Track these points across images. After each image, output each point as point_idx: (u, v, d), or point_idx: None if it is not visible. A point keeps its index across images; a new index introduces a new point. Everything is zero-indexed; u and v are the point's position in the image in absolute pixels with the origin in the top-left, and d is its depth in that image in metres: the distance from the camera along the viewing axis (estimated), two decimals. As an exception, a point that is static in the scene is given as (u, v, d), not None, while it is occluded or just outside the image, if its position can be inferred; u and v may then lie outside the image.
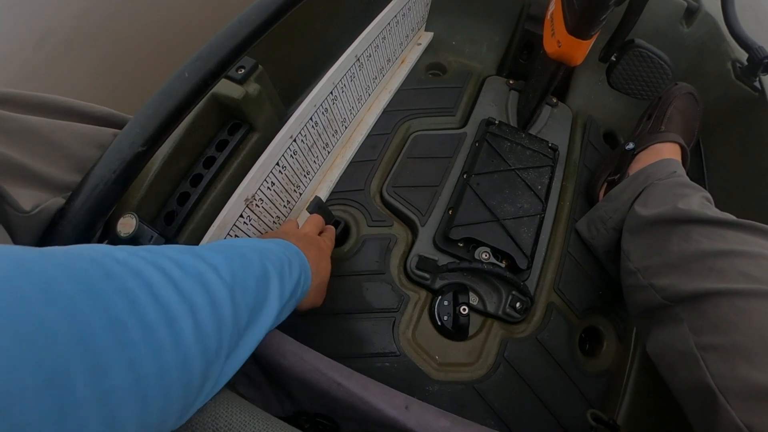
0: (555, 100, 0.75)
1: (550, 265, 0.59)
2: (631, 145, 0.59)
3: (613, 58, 0.56)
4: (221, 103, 0.51)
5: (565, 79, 0.79)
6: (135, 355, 0.19)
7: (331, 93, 0.55)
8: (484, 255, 0.56)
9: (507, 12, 0.81)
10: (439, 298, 0.54)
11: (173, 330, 0.21)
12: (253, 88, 0.51)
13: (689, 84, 0.64)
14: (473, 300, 0.55)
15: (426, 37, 0.82)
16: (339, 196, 0.62)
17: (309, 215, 0.54)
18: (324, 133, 0.57)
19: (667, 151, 0.58)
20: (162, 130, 0.35)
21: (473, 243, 0.57)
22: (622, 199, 0.56)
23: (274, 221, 0.53)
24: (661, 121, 0.61)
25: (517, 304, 0.55)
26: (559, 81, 0.60)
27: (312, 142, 0.55)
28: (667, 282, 0.42)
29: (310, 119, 0.52)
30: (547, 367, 0.53)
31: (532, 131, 0.71)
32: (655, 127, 0.61)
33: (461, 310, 0.52)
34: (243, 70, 0.51)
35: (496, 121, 0.68)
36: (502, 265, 0.56)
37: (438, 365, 0.52)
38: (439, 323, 0.53)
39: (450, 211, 0.60)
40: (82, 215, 0.33)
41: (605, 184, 0.64)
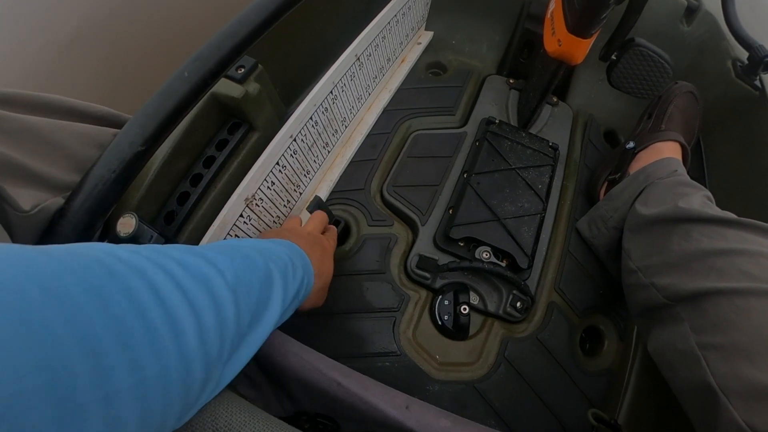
0: (555, 99, 0.75)
1: (551, 265, 0.59)
2: (631, 144, 0.59)
3: (613, 57, 0.56)
4: (221, 102, 0.51)
5: (566, 78, 0.79)
6: (138, 357, 0.18)
7: (331, 92, 0.55)
8: (484, 254, 0.56)
9: (507, 11, 0.81)
10: (440, 297, 0.54)
11: (176, 332, 0.21)
12: (253, 87, 0.51)
13: (689, 83, 0.64)
14: (474, 299, 0.55)
15: (426, 36, 0.82)
16: (339, 195, 0.62)
17: (312, 213, 0.54)
18: (324, 132, 0.57)
19: (668, 150, 0.58)
20: (162, 130, 0.35)
21: (474, 242, 0.57)
22: (622, 198, 0.56)
23: (274, 221, 0.53)
24: (661, 119, 0.61)
25: (518, 304, 0.55)
26: (559, 80, 0.59)
27: (312, 141, 0.55)
28: (667, 281, 0.42)
29: (310, 118, 0.52)
30: (548, 367, 0.53)
31: (533, 130, 0.71)
32: (655, 126, 0.61)
33: (462, 310, 0.52)
34: (243, 70, 0.51)
35: (497, 121, 0.68)
36: (503, 264, 0.56)
37: (438, 365, 0.52)
38: (439, 323, 0.53)
39: (450, 211, 0.60)
40: (82, 215, 0.33)
41: (606, 183, 0.64)
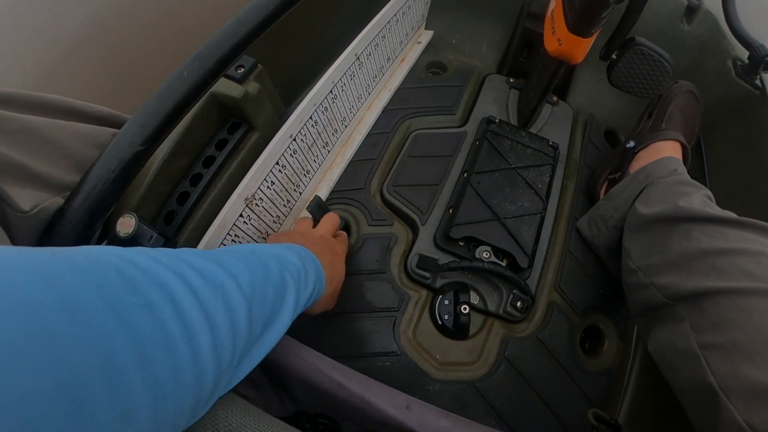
0: (555, 99, 0.75)
1: (551, 264, 0.59)
2: (631, 144, 0.59)
3: (613, 56, 0.56)
4: (221, 102, 0.51)
5: (566, 77, 0.79)
6: (155, 371, 0.18)
7: (330, 92, 0.54)
8: (484, 254, 0.56)
9: (507, 10, 0.81)
10: (440, 297, 0.54)
11: (192, 346, 0.21)
12: (252, 87, 0.51)
13: (690, 82, 0.64)
14: (474, 299, 0.55)
15: (426, 35, 0.81)
16: (339, 195, 0.62)
17: (318, 220, 0.53)
18: (324, 132, 0.57)
19: (668, 149, 0.58)
20: (161, 130, 0.35)
21: (474, 242, 0.57)
22: (623, 198, 0.56)
23: (274, 220, 0.53)
24: (661, 119, 0.61)
25: (518, 303, 0.55)
26: (559, 79, 0.59)
27: (312, 141, 0.54)
28: (668, 280, 0.42)
29: (310, 118, 0.52)
30: (548, 366, 0.53)
31: (533, 130, 0.70)
32: (655, 125, 0.61)
33: (462, 309, 0.52)
34: (242, 69, 0.51)
35: (497, 120, 0.68)
36: (503, 263, 0.56)
37: (439, 364, 0.52)
38: (439, 322, 0.53)
39: (450, 210, 0.60)
40: (81, 215, 0.33)
41: (606, 183, 0.64)
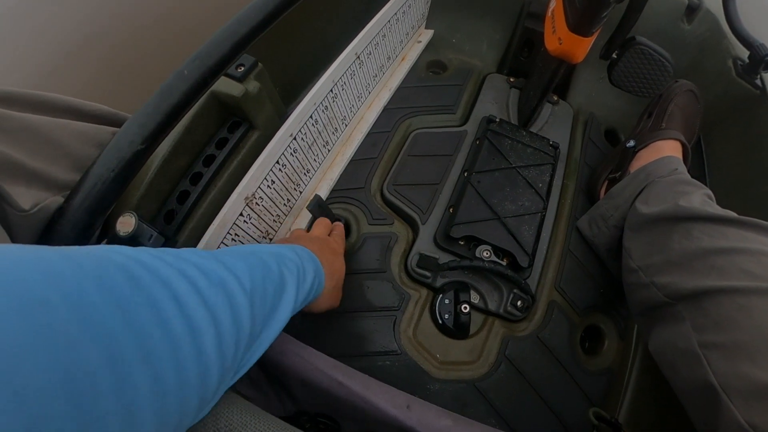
0: (556, 98, 0.75)
1: (552, 263, 0.59)
2: (632, 143, 0.59)
3: (614, 56, 0.56)
4: (221, 101, 0.51)
5: (566, 76, 0.79)
6: (160, 369, 0.19)
7: (331, 91, 0.54)
8: (485, 253, 0.56)
9: (507, 9, 0.81)
10: (440, 296, 0.54)
11: (196, 343, 0.21)
12: (252, 86, 0.51)
13: (690, 81, 0.64)
14: (474, 298, 0.55)
15: (426, 34, 0.81)
16: (339, 194, 0.62)
17: (316, 219, 0.54)
18: (324, 131, 0.57)
19: (668, 149, 0.58)
20: (161, 128, 0.35)
21: (474, 241, 0.57)
22: (623, 197, 0.56)
23: (274, 219, 0.53)
24: (661, 118, 0.61)
25: (519, 303, 0.55)
26: (560, 78, 0.59)
27: (312, 140, 0.54)
28: (668, 280, 0.42)
29: (310, 117, 0.52)
30: (549, 366, 0.53)
31: (533, 129, 0.70)
32: (656, 125, 0.61)
33: (462, 309, 0.52)
34: (243, 68, 0.50)
35: (497, 119, 0.68)
36: (504, 263, 0.56)
37: (439, 364, 0.52)
38: (440, 322, 0.53)
39: (451, 209, 0.60)
40: (81, 214, 0.32)
41: (606, 182, 0.64)
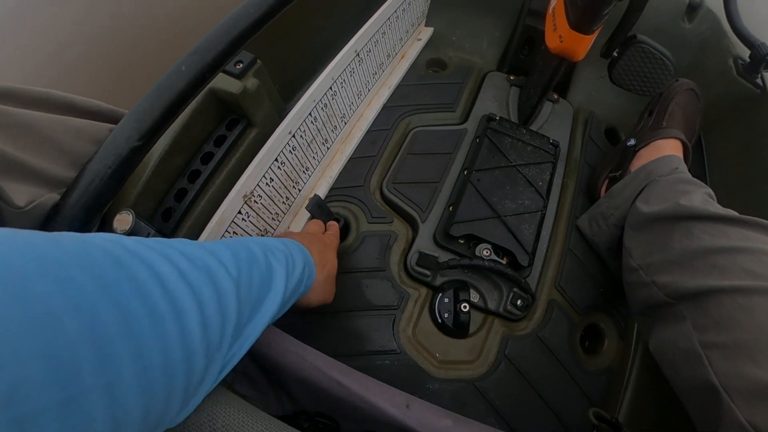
0: (556, 96, 0.74)
1: (552, 262, 0.59)
2: (632, 142, 0.59)
3: (614, 54, 0.56)
4: (219, 97, 0.51)
5: (567, 74, 0.79)
6: (143, 346, 0.19)
7: (330, 88, 0.54)
8: (485, 252, 0.55)
9: (508, 7, 0.81)
10: (440, 295, 0.54)
11: (180, 322, 0.21)
12: (251, 82, 0.51)
13: (691, 80, 0.63)
14: (474, 297, 0.55)
15: (426, 32, 0.81)
16: (338, 192, 0.62)
17: (310, 210, 0.54)
18: (323, 128, 0.56)
19: (669, 148, 0.58)
20: (158, 125, 0.35)
21: (474, 239, 0.57)
22: (623, 196, 0.55)
23: (272, 218, 0.53)
24: (662, 117, 0.61)
25: (518, 302, 0.54)
26: (560, 77, 0.59)
27: (311, 137, 0.54)
28: (669, 279, 0.42)
29: (309, 115, 0.51)
30: (549, 365, 0.53)
31: (533, 127, 0.70)
32: (656, 124, 0.61)
33: (462, 308, 0.52)
34: (241, 65, 0.50)
35: (497, 117, 0.68)
36: (503, 261, 0.56)
37: (438, 363, 0.51)
38: (439, 321, 0.53)
39: (450, 208, 0.59)
40: (77, 211, 0.32)
41: (606, 181, 0.63)
